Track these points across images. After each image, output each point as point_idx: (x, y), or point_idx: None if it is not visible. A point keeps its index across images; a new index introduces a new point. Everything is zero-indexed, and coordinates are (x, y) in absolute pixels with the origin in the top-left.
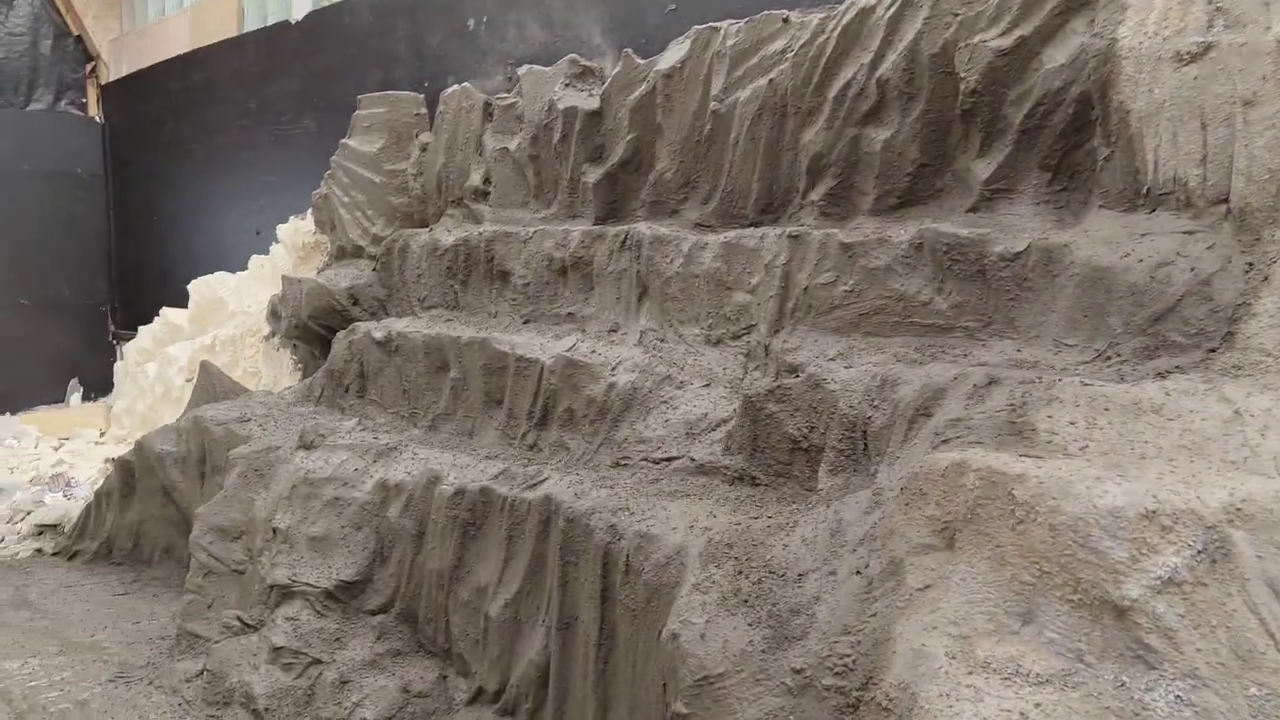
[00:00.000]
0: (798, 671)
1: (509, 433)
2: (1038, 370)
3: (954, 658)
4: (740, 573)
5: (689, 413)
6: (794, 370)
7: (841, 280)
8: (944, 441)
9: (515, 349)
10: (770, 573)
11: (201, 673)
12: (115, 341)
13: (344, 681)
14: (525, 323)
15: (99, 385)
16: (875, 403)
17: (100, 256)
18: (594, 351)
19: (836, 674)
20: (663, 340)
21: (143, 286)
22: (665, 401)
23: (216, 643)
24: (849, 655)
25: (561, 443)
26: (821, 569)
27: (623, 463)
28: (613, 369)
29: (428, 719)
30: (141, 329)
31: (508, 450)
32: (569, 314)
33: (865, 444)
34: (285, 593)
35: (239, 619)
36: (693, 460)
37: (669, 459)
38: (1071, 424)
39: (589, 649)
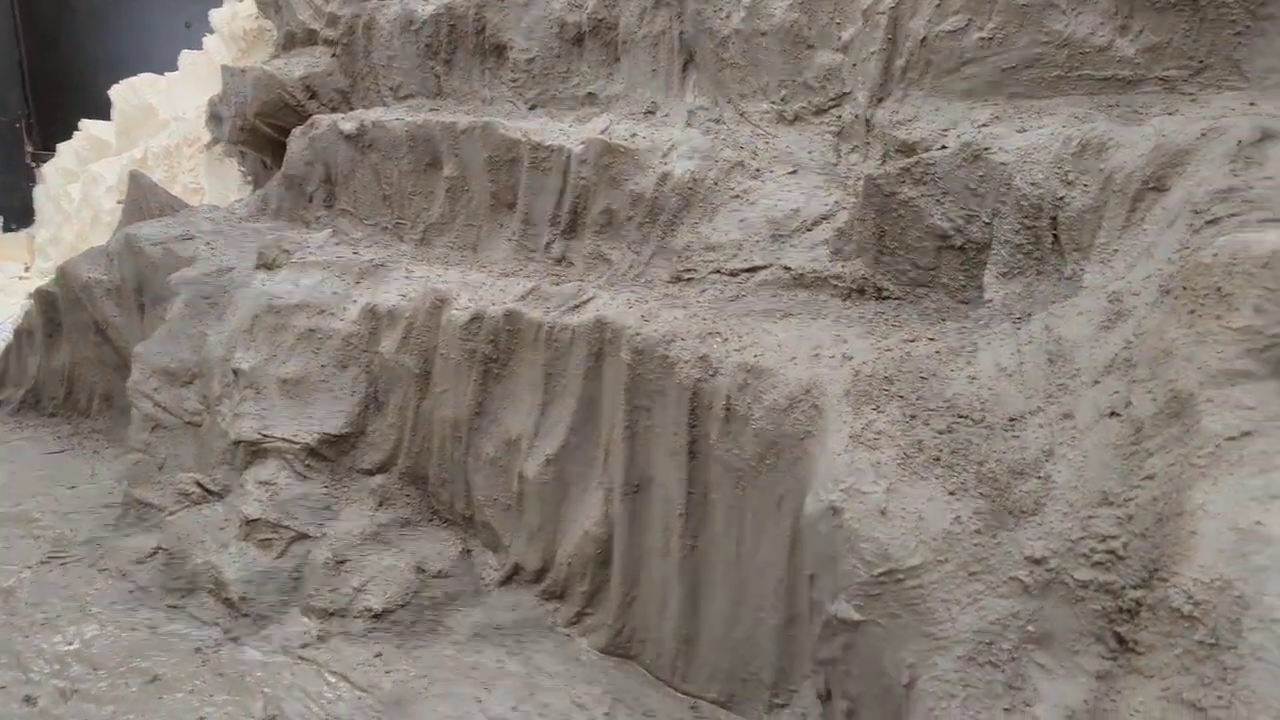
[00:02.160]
0: (1037, 561)
1: (526, 243)
2: None
3: None
4: (914, 417)
5: (773, 209)
6: (910, 149)
7: (976, 24)
8: (1212, 222)
9: (529, 135)
10: (961, 417)
11: (156, 551)
12: (33, 163)
13: (340, 561)
14: (531, 108)
15: (18, 214)
16: (1071, 176)
17: (8, 65)
18: (635, 135)
19: (1097, 564)
20: (718, 121)
21: (59, 97)
22: (738, 195)
23: (172, 514)
24: (1116, 536)
25: (599, 253)
26: (1045, 410)
27: (687, 276)
28: (664, 155)
29: (450, 604)
30: (61, 146)
31: (528, 266)
32: (589, 95)
33: (1055, 234)
34: (255, 450)
35: (198, 484)
36: (787, 269)
37: (751, 269)
38: None
39: (671, 520)
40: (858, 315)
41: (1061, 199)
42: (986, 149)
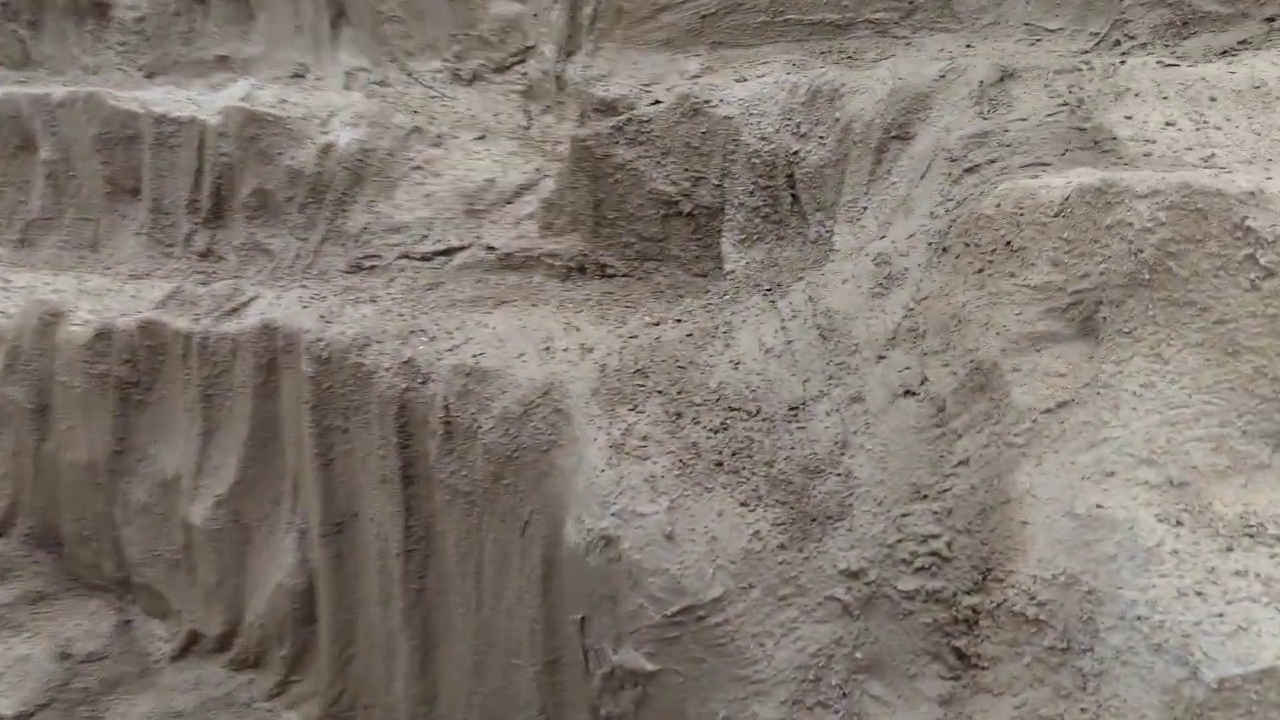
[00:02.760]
0: (853, 575)
1: (160, 236)
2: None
3: (1178, 522)
4: (680, 415)
5: (463, 180)
6: (610, 107)
7: None
8: (971, 169)
9: (149, 107)
10: (733, 409)
11: None
12: None
13: None
14: (149, 76)
15: None
16: (804, 128)
17: None
18: (285, 101)
19: (921, 570)
20: (383, 83)
21: None
22: (420, 167)
23: None
24: (936, 535)
25: (256, 243)
26: (828, 394)
27: (369, 263)
28: (323, 124)
29: (111, 693)
30: None
31: (165, 264)
32: (220, 58)
33: (794, 193)
34: None
35: None
36: (491, 249)
37: (447, 251)
38: (1169, 124)
39: (388, 560)
40: (583, 298)
41: (796, 154)
42: (707, 102)
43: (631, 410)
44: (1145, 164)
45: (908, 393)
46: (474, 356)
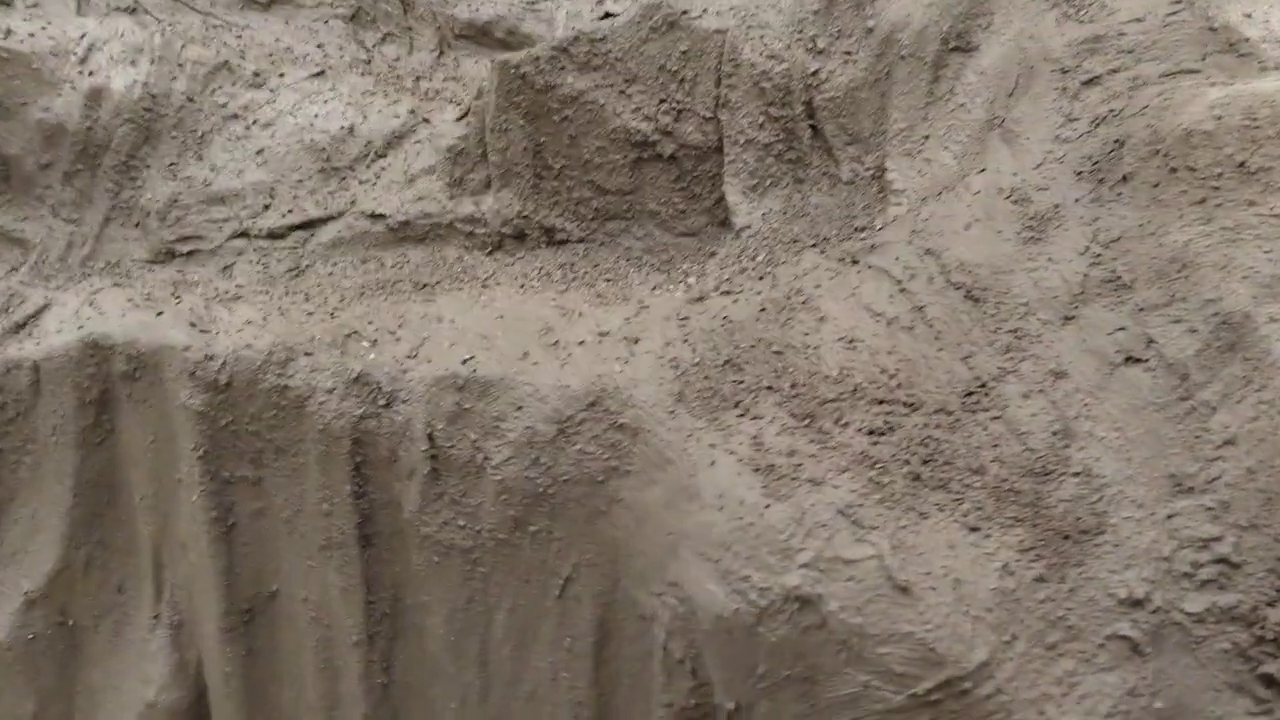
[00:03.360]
0: (1135, 603)
1: None
2: None
3: None
4: (814, 416)
5: (308, 130)
6: (484, 32)
7: None
8: (1090, 82)
9: None
10: (881, 402)
11: None
12: None
13: None
14: None
15: None
16: (823, 42)
17: None
18: (10, 31)
19: (1207, 584)
20: (134, 8)
21: None
22: (237, 115)
23: None
24: (1218, 538)
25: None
26: (1012, 371)
27: (185, 247)
28: (82, 60)
29: None
30: None
31: None
32: None
33: (814, 124)
34: None
35: None
36: (376, 218)
37: (307, 224)
38: None
39: (337, 653)
40: (537, 273)
41: (815, 75)
42: (685, 12)
43: (744, 417)
44: None
45: (1130, 360)
46: (463, 362)
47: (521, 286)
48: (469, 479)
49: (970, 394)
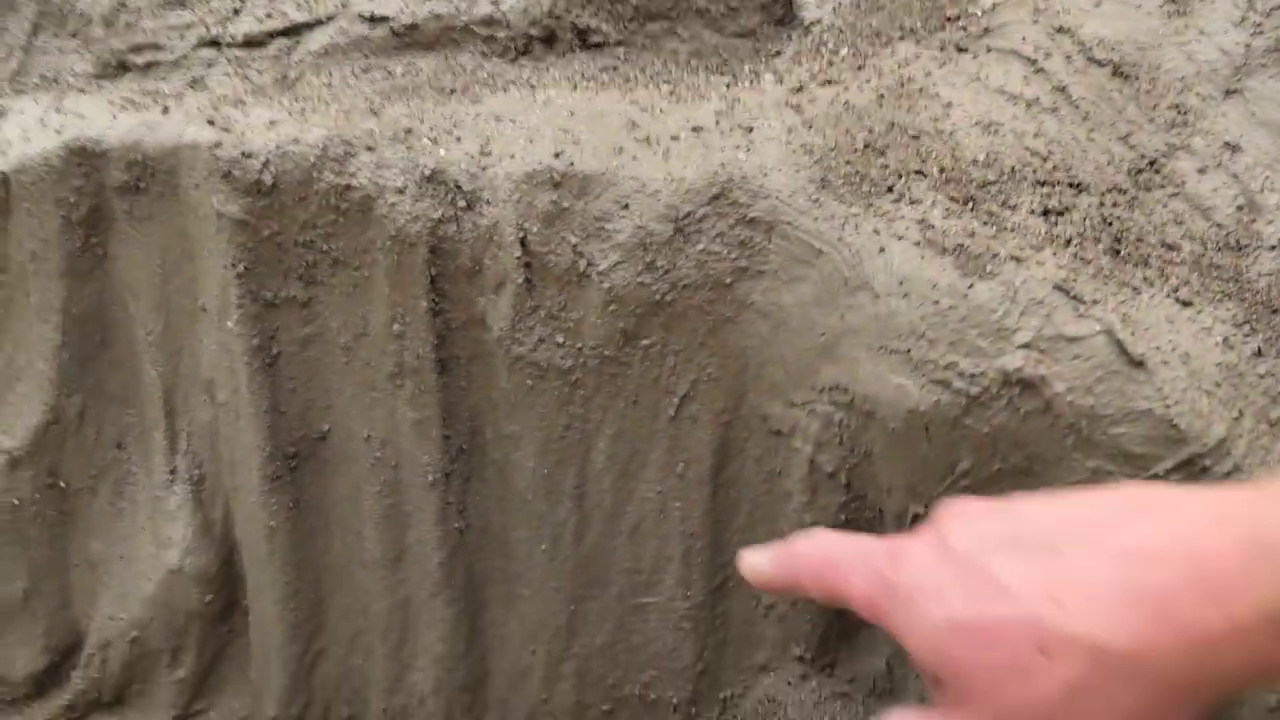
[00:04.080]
0: None
1: None
2: None
3: None
4: (976, 200)
5: None
6: None
7: None
8: None
9: None
10: (1044, 184)
11: None
12: None
13: None
14: None
15: None
16: None
17: None
18: None
19: None
20: None
21: None
22: None
23: None
24: None
25: None
26: (1182, 147)
27: (141, 59)
28: None
29: None
30: None
31: None
32: None
33: None
34: None
35: None
36: (375, 20)
37: (289, 30)
38: None
39: (407, 496)
40: (582, 77)
41: None
42: None
43: (900, 201)
44: None
45: None
46: (555, 156)
47: (574, 88)
48: (570, 289)
49: (1140, 172)
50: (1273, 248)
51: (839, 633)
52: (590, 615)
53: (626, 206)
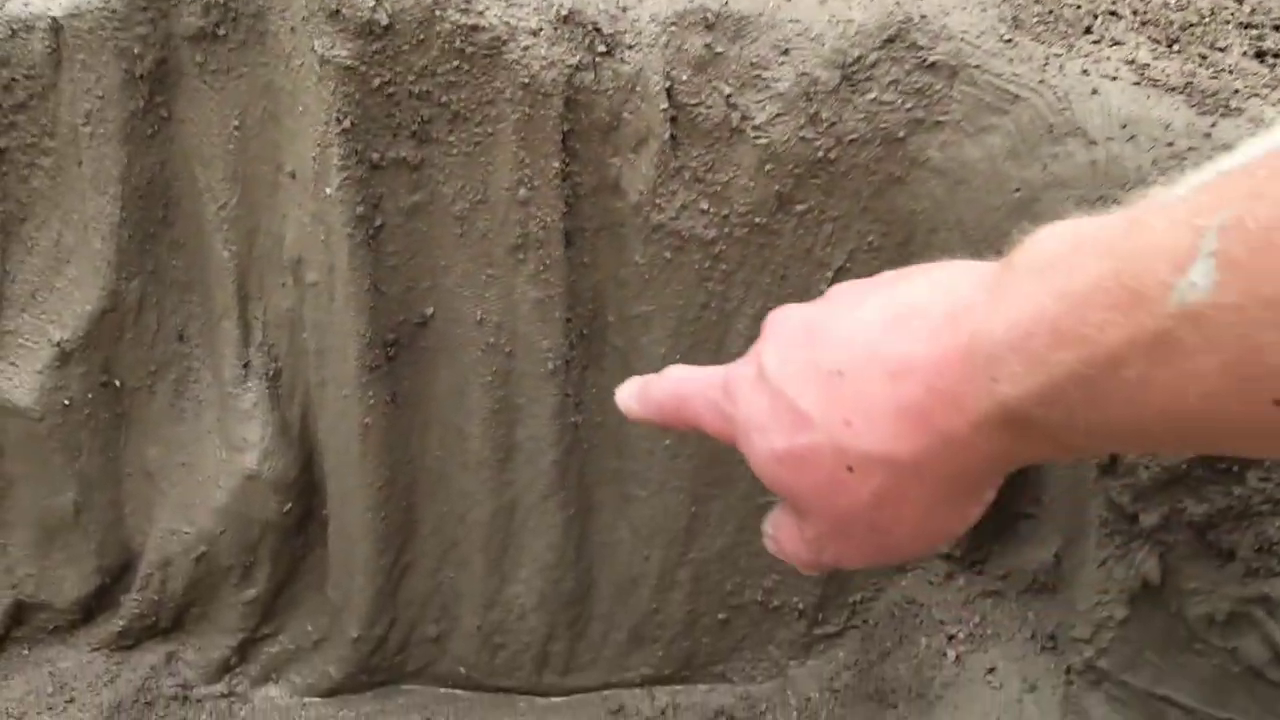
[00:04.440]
0: None
1: None
2: None
3: None
4: (1175, 41)
5: None
6: None
7: None
8: None
9: None
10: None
11: None
12: None
13: None
14: None
15: None
16: None
17: None
18: None
19: None
20: None
21: None
22: None
23: None
24: None
25: None
26: None
27: None
28: None
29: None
30: None
31: None
32: None
33: None
34: None
35: None
36: None
37: None
38: None
39: (521, 386)
40: None
41: None
42: None
43: (1101, 43)
44: None
45: None
46: None
47: None
48: (720, 146)
49: None
50: None
51: (995, 527)
52: (712, 516)
53: (787, 52)
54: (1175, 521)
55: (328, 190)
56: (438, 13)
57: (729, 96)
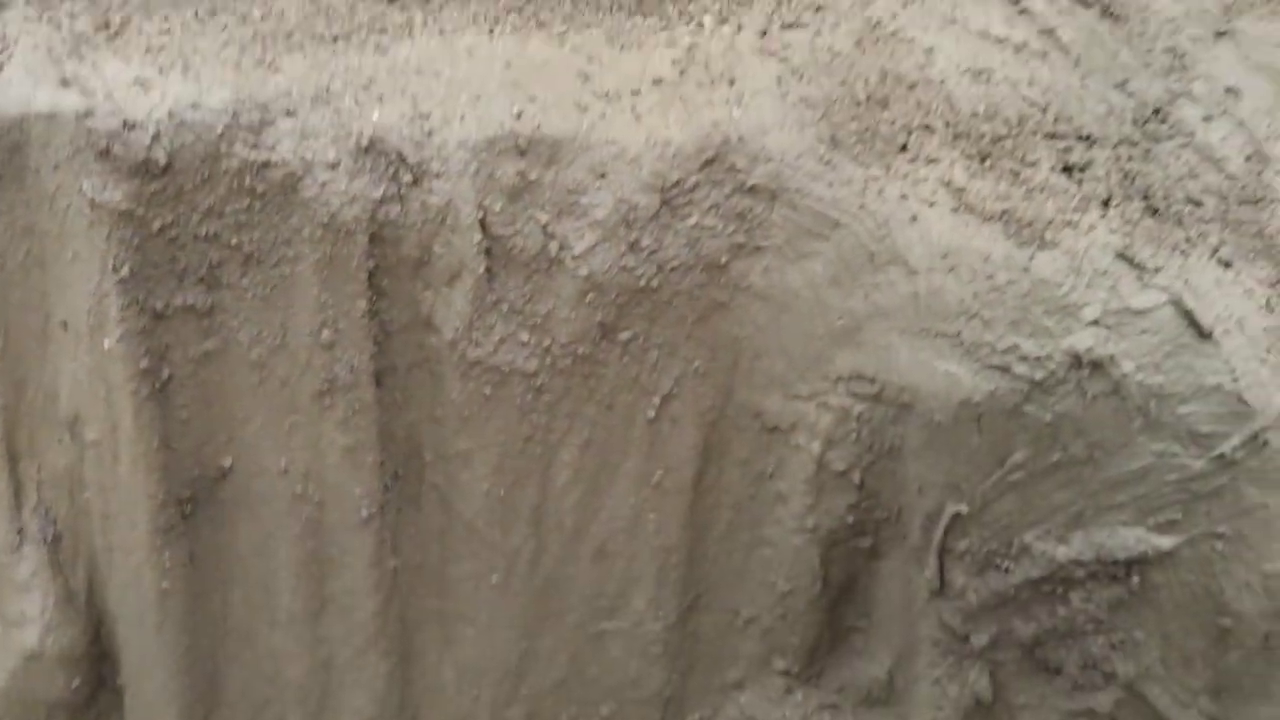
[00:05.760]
0: None
1: None
2: None
3: None
4: (991, 157)
5: None
6: None
7: None
8: None
9: None
10: (1053, 136)
11: None
12: None
13: None
14: None
15: None
16: None
17: None
18: None
19: None
20: None
21: None
22: None
23: None
24: None
25: None
26: (1183, 94)
27: None
28: None
29: None
30: None
31: None
32: None
33: None
34: None
35: None
36: None
37: None
38: None
39: (332, 539)
40: (487, 16)
41: None
42: None
43: (917, 161)
44: None
45: None
46: (516, 116)
47: (490, 31)
48: (539, 277)
49: (1146, 122)
50: None
51: (830, 640)
52: (543, 650)
53: (604, 175)
54: (1005, 641)
55: (107, 343)
56: (224, 149)
57: (546, 225)
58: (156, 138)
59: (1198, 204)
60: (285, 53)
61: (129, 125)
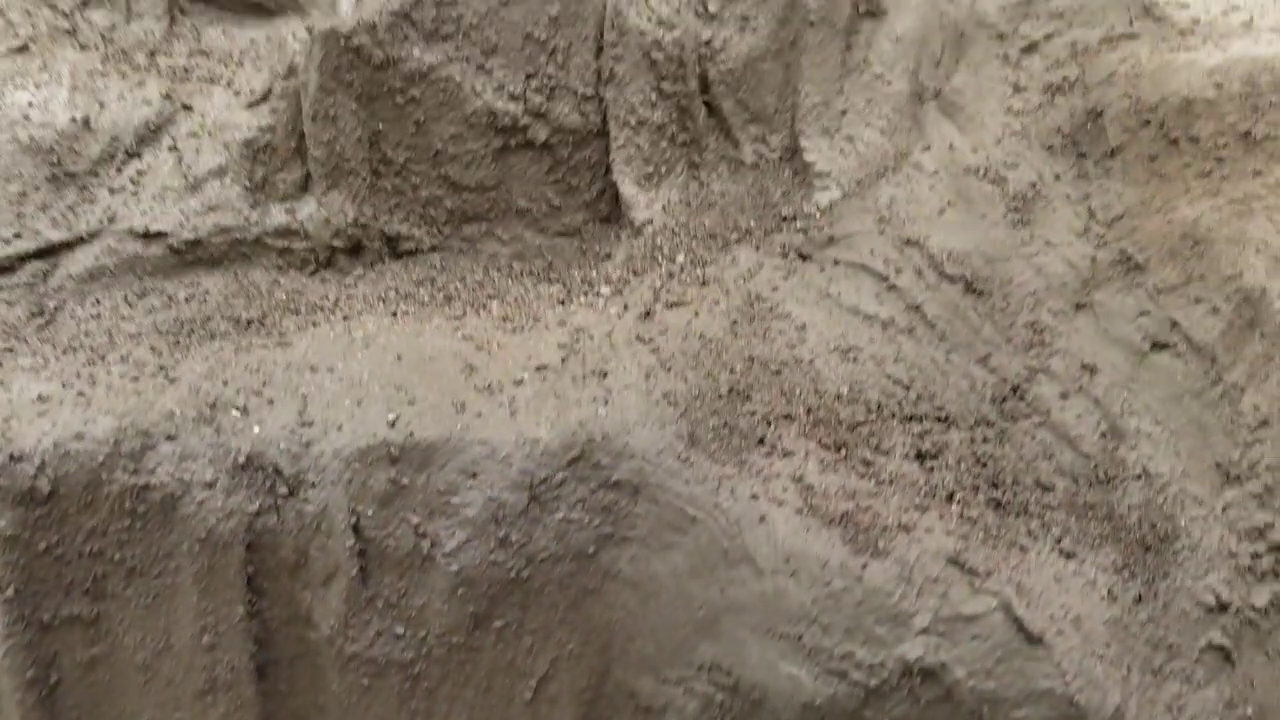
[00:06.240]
0: (1222, 608)
1: None
2: None
3: None
4: (848, 446)
5: (25, 120)
6: None
7: None
8: (1029, 49)
9: None
10: (912, 419)
11: None
12: None
13: None
14: None
15: None
16: (716, 6)
17: None
18: None
19: (1268, 575)
20: None
21: None
22: None
23: None
24: (1270, 524)
25: None
26: (1042, 370)
27: None
28: None
29: None
30: None
31: None
32: None
33: (710, 101)
34: None
35: None
36: (149, 236)
37: (42, 252)
38: None
39: None
40: (396, 294)
41: (709, 44)
42: None
43: (773, 455)
44: (1198, 31)
45: (1158, 346)
46: (390, 424)
47: (394, 314)
48: (412, 574)
49: (1005, 400)
50: (1138, 476)
51: None
52: None
53: (475, 475)
54: None
55: None
56: (105, 475)
57: (418, 526)
58: (41, 468)
59: (1047, 488)
60: (195, 345)
61: (15, 458)
